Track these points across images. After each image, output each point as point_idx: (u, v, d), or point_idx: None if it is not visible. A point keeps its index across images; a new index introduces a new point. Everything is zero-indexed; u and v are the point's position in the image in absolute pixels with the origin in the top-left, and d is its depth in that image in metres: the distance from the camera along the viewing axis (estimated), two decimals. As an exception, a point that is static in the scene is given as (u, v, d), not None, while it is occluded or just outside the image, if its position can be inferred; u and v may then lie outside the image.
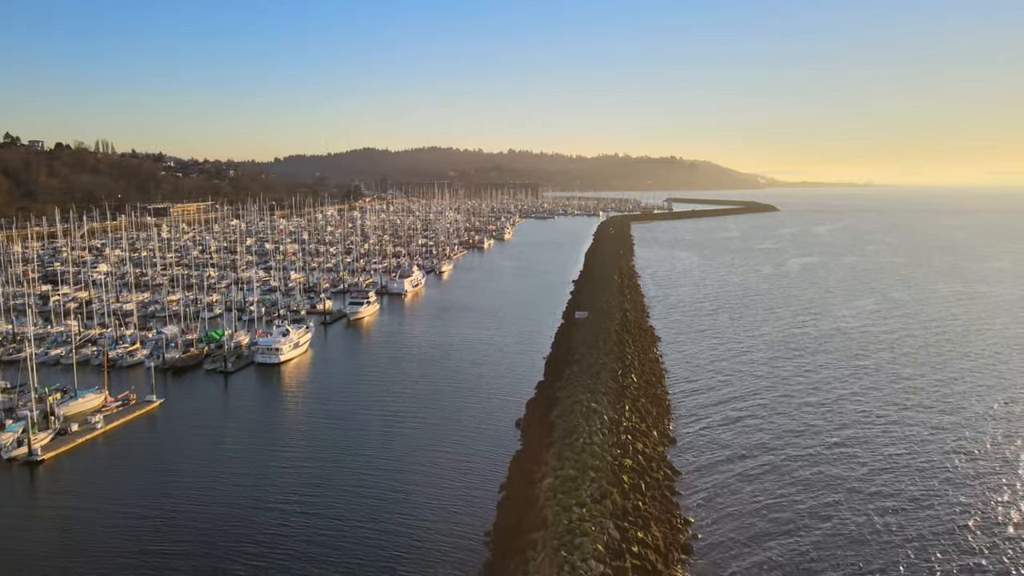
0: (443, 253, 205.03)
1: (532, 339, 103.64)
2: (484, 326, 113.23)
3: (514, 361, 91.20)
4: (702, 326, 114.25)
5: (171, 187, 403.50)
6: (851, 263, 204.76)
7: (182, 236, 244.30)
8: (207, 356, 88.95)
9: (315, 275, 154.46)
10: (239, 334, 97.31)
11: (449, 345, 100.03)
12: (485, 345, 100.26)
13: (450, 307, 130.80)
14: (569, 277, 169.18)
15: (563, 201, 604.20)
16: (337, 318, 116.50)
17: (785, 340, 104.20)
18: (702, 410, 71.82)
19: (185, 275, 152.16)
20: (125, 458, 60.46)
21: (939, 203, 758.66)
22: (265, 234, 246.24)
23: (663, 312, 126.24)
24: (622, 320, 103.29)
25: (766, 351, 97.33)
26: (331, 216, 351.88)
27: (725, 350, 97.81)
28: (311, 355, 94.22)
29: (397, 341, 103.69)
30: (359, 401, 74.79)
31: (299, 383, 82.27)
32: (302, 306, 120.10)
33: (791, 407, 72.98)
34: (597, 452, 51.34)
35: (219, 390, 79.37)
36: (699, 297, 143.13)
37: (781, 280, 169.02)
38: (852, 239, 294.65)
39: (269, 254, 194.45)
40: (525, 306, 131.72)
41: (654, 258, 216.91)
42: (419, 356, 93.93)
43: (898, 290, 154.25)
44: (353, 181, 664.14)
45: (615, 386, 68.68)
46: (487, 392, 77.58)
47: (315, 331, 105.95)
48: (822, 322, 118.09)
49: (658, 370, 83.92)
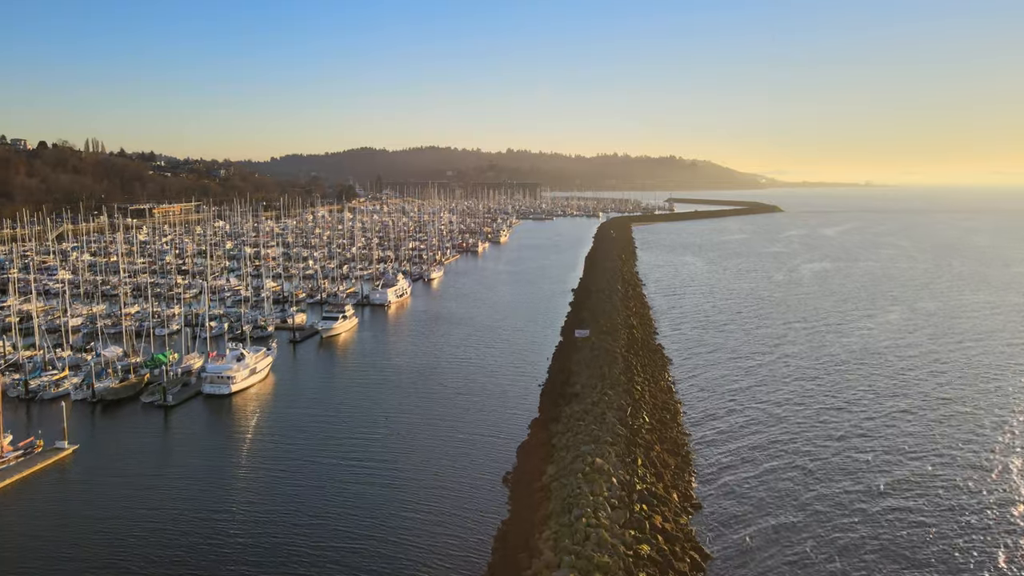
0: (434, 258, 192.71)
1: (526, 361, 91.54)
2: (473, 345, 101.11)
3: (505, 390, 79.06)
4: (716, 342, 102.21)
5: (157, 187, 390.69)
6: (867, 269, 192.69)
7: (160, 239, 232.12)
8: (148, 385, 76.41)
9: (292, 283, 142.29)
10: (191, 357, 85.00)
11: (432, 369, 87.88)
12: (473, 368, 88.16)
13: (437, 321, 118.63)
14: (568, 285, 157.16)
15: (562, 201, 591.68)
16: (308, 335, 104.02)
17: (810, 361, 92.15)
18: (728, 456, 59.74)
19: (151, 283, 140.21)
20: (12, 532, 48.16)
21: (944, 203, 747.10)
22: (248, 237, 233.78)
23: (671, 326, 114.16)
24: (628, 339, 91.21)
25: (790, 375, 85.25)
26: (321, 217, 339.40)
27: (744, 373, 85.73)
28: (272, 382, 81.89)
29: (374, 363, 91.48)
30: (319, 445, 62.62)
31: (251, 420, 69.97)
32: (270, 320, 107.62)
33: (830, 452, 60.89)
34: (605, 539, 39.21)
35: (154, 430, 67.07)
36: (709, 308, 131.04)
37: (795, 288, 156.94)
38: (864, 242, 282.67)
39: (247, 259, 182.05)
40: (520, 320, 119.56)
41: (658, 263, 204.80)
42: (397, 383, 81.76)
43: (924, 300, 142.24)
44: (341, 180, 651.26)
45: (624, 432, 56.55)
46: (472, 432, 65.45)
47: (281, 352, 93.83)
48: (847, 338, 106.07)
49: (672, 403, 71.79)
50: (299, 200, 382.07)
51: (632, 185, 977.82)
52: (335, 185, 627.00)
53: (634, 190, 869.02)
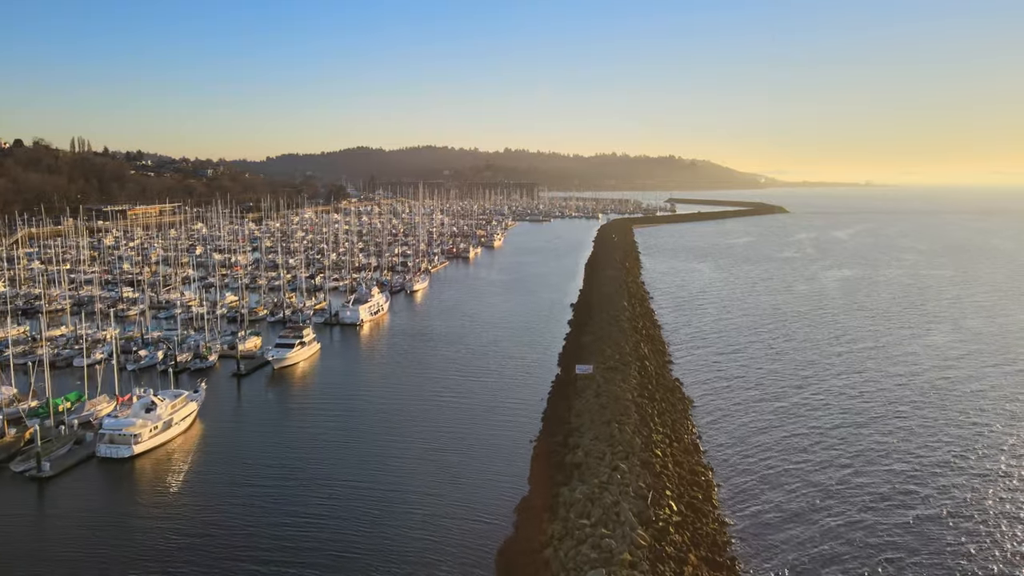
0: (419, 266, 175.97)
1: (517, 402, 75.07)
2: (454, 378, 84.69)
3: (490, 447, 62.63)
4: (739, 373, 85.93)
5: (138, 187, 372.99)
6: (894, 278, 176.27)
7: (127, 244, 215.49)
8: (27, 445, 59.36)
9: (256, 296, 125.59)
10: (97, 401, 68.29)
11: (398, 415, 71.40)
12: (452, 413, 71.74)
13: (414, 345, 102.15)
14: (567, 297, 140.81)
15: (560, 202, 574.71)
16: (257, 366, 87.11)
17: (854, 399, 75.88)
18: (778, 563, 43.49)
19: (99, 297, 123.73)
20: None
21: (947, 204, 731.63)
22: (222, 241, 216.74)
23: (687, 350, 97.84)
24: (640, 376, 74.78)
25: (833, 419, 68.99)
26: (307, 219, 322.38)
27: (778, 417, 69.46)
28: (195, 436, 65.19)
29: (330, 406, 74.91)
30: (243, 535, 46.15)
31: (153, 497, 53.40)
32: (215, 347, 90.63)
33: (921, 548, 44.69)
34: None
35: (21, 518, 50.48)
36: (727, 327, 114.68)
37: (821, 302, 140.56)
38: (880, 246, 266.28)
39: (213, 267, 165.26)
40: (511, 343, 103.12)
41: (664, 271, 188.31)
42: (353, 438, 65.21)
43: (969, 316, 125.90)
44: (335, 180, 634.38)
45: (647, 541, 40.08)
46: (439, 523, 49.02)
47: (219, 390, 77.40)
48: (892, 367, 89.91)
49: (702, 472, 55.25)
50: (283, 201, 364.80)
51: (632, 185, 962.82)
52: (327, 185, 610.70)
53: (634, 190, 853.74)
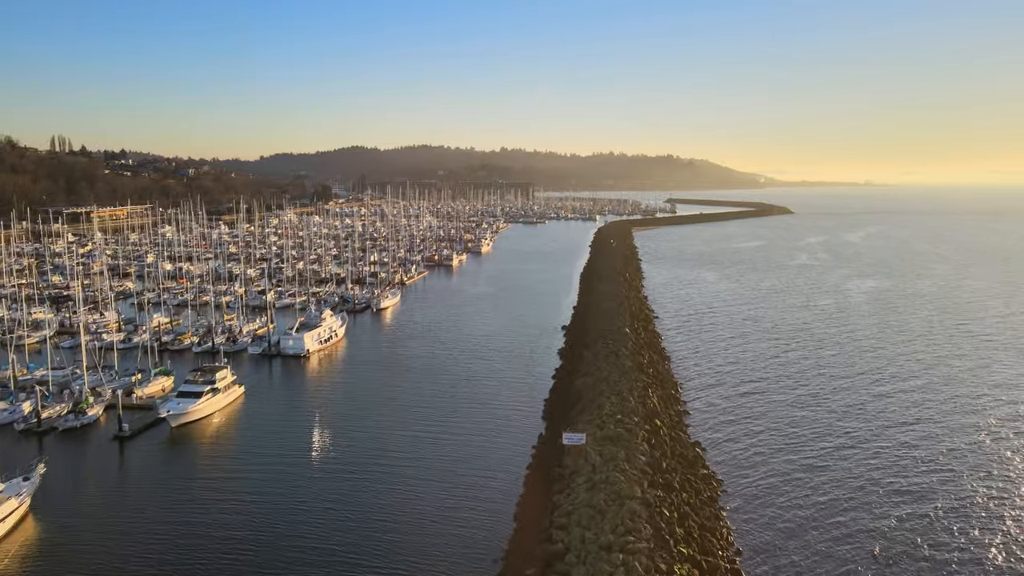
0: (391, 278, 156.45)
1: (485, 489, 55.68)
2: (409, 439, 65.21)
3: (444, 563, 43.42)
4: (774, 433, 66.75)
5: (108, 187, 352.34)
6: (927, 291, 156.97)
7: (78, 250, 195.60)
8: None
9: (186, 321, 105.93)
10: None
11: (334, 500, 52.05)
12: (401, 498, 52.42)
13: (368, 387, 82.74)
14: (558, 318, 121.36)
15: (556, 202, 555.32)
16: (148, 425, 67.11)
17: (930, 470, 56.83)
18: None
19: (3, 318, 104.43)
20: None
21: (952, 204, 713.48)
22: (181, 248, 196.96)
23: (704, 397, 78.56)
24: (650, 452, 55.31)
25: (910, 501, 49.87)
26: (287, 222, 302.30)
27: (832, 510, 50.24)
28: (26, 536, 45.97)
29: (240, 483, 55.45)
30: None
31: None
32: (104, 394, 70.79)
33: None
34: None
35: None
36: (748, 358, 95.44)
37: (854, 322, 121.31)
38: (898, 251, 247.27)
39: (161, 279, 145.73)
40: (486, 383, 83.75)
41: (669, 282, 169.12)
42: (268, 531, 45.93)
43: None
44: (327, 180, 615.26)
45: None
46: None
47: (81, 463, 58.03)
48: (955, 417, 70.87)
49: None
50: (262, 202, 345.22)
51: (630, 185, 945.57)
52: (316, 185, 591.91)
53: (632, 190, 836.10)
